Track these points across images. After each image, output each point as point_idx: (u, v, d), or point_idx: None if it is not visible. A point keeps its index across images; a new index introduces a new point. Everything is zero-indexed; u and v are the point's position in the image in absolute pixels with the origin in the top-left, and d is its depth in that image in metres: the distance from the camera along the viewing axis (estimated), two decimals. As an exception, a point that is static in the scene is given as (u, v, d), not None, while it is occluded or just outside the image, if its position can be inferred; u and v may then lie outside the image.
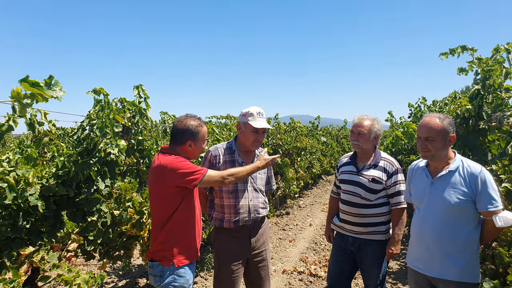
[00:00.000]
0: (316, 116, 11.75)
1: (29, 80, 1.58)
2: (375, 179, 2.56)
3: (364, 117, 2.64)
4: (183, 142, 2.21)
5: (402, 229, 2.57)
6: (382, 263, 2.62)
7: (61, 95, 1.63)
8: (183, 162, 2.10)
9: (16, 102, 1.58)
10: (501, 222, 1.90)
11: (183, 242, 2.17)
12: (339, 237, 2.79)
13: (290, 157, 8.20)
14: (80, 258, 4.61)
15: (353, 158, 2.74)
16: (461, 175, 2.08)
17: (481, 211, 2.01)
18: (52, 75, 1.61)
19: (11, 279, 1.99)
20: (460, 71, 3.22)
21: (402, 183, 2.59)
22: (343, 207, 2.69)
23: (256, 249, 2.63)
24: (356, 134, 2.60)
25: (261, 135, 2.55)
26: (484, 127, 2.93)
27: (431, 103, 6.62)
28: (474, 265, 2.07)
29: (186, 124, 2.22)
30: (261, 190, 2.65)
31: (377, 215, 2.59)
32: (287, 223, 7.06)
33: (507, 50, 2.91)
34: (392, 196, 2.59)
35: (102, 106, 2.65)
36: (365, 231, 2.60)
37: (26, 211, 2.26)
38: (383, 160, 2.63)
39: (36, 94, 1.55)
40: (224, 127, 7.64)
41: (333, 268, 2.78)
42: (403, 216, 2.58)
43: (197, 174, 2.08)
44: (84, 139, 2.62)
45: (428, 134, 2.09)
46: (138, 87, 2.97)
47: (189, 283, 2.15)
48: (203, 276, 4.34)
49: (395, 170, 2.60)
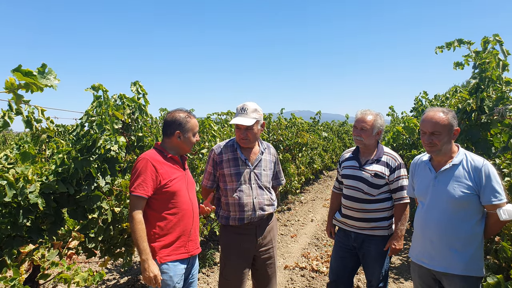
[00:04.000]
0: (316, 112, 11.70)
1: (22, 69, 1.55)
2: (377, 174, 2.55)
3: (367, 112, 2.60)
4: (172, 134, 2.23)
5: (405, 225, 2.56)
6: (385, 258, 2.60)
7: (56, 84, 1.60)
8: (139, 172, 2.09)
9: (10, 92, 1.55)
10: (505, 215, 1.90)
11: (164, 238, 2.14)
12: (342, 233, 2.77)
13: (291, 152, 8.19)
14: (82, 256, 4.62)
15: (355, 153, 2.72)
16: (465, 169, 2.07)
17: (485, 204, 2.01)
18: (45, 63, 1.57)
19: (12, 277, 1.98)
20: (457, 65, 3.18)
21: (404, 178, 2.57)
22: (346, 202, 2.67)
23: (263, 247, 2.60)
24: (359, 129, 2.57)
25: (243, 132, 2.47)
26: (486, 121, 2.90)
27: (432, 97, 6.58)
28: (479, 259, 2.07)
29: (174, 116, 2.25)
30: (266, 187, 2.60)
31: (379, 210, 2.57)
32: (289, 218, 7.06)
33: (499, 42, 2.88)
34: (395, 191, 2.58)
35: (100, 102, 2.62)
36: (368, 226, 2.58)
37: (26, 209, 2.24)
38: (386, 155, 2.61)
39: (30, 83, 1.52)
40: (224, 123, 7.62)
41: (336, 264, 2.76)
42: (406, 211, 2.56)
43: (134, 188, 2.07)
44: (83, 136, 2.60)
45: (434, 129, 2.08)
46: (135, 83, 2.94)
47: (173, 280, 2.12)
48: (205, 272, 4.34)
49: (397, 165, 2.58)
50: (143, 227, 2.06)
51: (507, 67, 2.91)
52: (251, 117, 2.47)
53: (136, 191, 2.06)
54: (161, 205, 2.14)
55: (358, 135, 2.59)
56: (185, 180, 2.30)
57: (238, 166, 2.53)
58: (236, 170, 2.52)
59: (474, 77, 3.07)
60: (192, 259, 2.34)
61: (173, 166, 2.23)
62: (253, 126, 2.47)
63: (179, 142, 2.25)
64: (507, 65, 2.90)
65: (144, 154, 2.19)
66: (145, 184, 2.07)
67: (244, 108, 2.49)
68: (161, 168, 2.14)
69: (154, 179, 2.10)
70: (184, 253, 2.21)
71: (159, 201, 2.14)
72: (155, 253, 2.11)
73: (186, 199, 2.25)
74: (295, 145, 8.18)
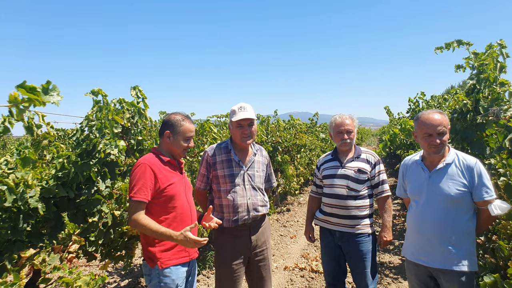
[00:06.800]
0: (314, 113, 11.74)
1: (26, 85, 1.58)
2: (360, 170, 2.67)
3: (345, 116, 2.77)
4: (162, 133, 2.27)
5: (391, 216, 2.70)
6: (371, 256, 2.66)
7: (59, 100, 1.63)
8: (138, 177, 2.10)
9: (13, 107, 1.58)
10: (497, 210, 2.00)
11: (164, 243, 2.14)
12: (326, 234, 2.82)
13: (290, 154, 8.21)
14: (82, 259, 4.62)
15: (334, 155, 2.84)
16: (458, 167, 2.17)
17: (477, 200, 2.11)
18: (50, 80, 1.60)
19: (13, 282, 1.99)
20: (458, 68, 3.21)
21: (384, 173, 2.74)
22: (331, 201, 2.73)
23: (257, 248, 2.62)
24: (345, 132, 2.70)
25: (246, 128, 2.51)
26: (482, 121, 2.93)
27: (429, 98, 6.62)
28: (473, 254, 2.15)
29: (169, 117, 2.29)
30: (259, 188, 2.64)
31: (363, 207, 2.66)
32: (288, 219, 7.07)
33: (500, 45, 2.93)
34: (377, 186, 2.71)
35: (100, 107, 2.64)
36: (352, 223, 2.65)
37: (27, 213, 2.26)
38: (364, 153, 2.77)
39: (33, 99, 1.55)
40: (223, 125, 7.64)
41: (329, 265, 2.81)
42: (390, 204, 2.71)
43: (135, 193, 2.07)
44: (83, 140, 2.62)
45: (441, 128, 2.15)
46: (135, 88, 2.97)
47: (175, 283, 2.13)
48: (205, 275, 4.35)
49: (377, 160, 2.74)
50: (150, 220, 2.06)
51: (504, 69, 2.95)
52: (252, 113, 2.53)
53: (136, 196, 2.06)
54: (159, 209, 2.15)
55: (346, 138, 2.70)
56: (183, 183, 2.31)
57: (232, 168, 2.55)
58: (230, 172, 2.54)
59: (471, 78, 3.10)
60: (192, 261, 2.36)
61: (170, 171, 2.24)
62: (254, 121, 2.55)
63: (169, 143, 2.26)
64: (505, 67, 2.95)
65: (142, 158, 2.20)
66: (145, 188, 2.08)
67: (243, 106, 2.54)
68: (160, 172, 2.15)
69: (153, 184, 2.11)
70: (185, 256, 2.22)
71: (158, 206, 2.15)
72: (156, 258, 2.12)
73: (184, 203, 2.27)
74: (294, 147, 8.21)
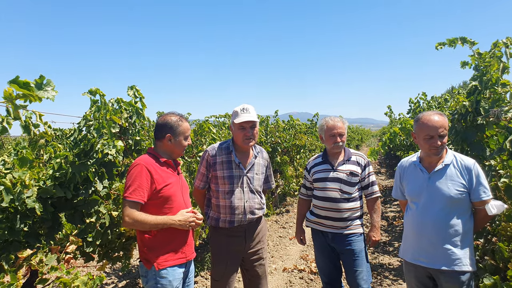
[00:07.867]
0: (314, 113, 11.71)
1: (19, 81, 1.55)
2: (352, 173, 2.69)
3: (336, 118, 2.77)
4: (163, 136, 2.24)
5: (379, 217, 2.75)
6: (364, 256, 2.68)
7: (54, 95, 1.60)
8: (134, 177, 2.08)
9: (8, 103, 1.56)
10: (494, 210, 2.03)
11: (162, 245, 2.14)
12: (319, 235, 2.82)
13: (289, 154, 8.20)
14: (79, 260, 4.60)
15: (324, 157, 2.83)
16: (456, 168, 2.18)
17: (475, 201, 2.14)
18: (43, 75, 1.58)
19: (10, 283, 1.97)
20: (463, 64, 3.19)
21: (373, 174, 2.78)
22: (323, 203, 2.72)
23: (252, 248, 2.62)
24: (338, 135, 2.70)
25: (249, 130, 2.50)
26: (482, 123, 2.92)
27: (430, 99, 6.61)
28: (472, 254, 2.17)
29: (165, 119, 2.26)
30: (257, 191, 2.63)
31: (355, 209, 2.68)
32: (287, 220, 7.06)
33: (505, 44, 2.90)
34: (367, 187, 2.74)
35: (99, 107, 2.62)
36: (345, 225, 2.66)
37: (24, 214, 2.24)
38: (354, 155, 2.78)
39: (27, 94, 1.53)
40: (222, 125, 7.63)
41: (325, 266, 2.82)
42: (379, 204, 2.76)
43: (130, 193, 2.05)
44: (81, 140, 2.60)
45: (442, 130, 2.15)
46: (132, 88, 2.95)
47: (172, 284, 2.12)
48: (203, 276, 4.34)
49: (366, 162, 2.77)
50: (145, 214, 2.06)
51: (507, 70, 2.93)
52: (254, 115, 2.52)
53: (132, 196, 2.04)
54: (156, 210, 2.13)
55: (339, 141, 2.70)
56: (179, 184, 2.30)
57: (232, 169, 2.54)
58: (229, 173, 2.53)
59: (474, 78, 3.07)
60: (189, 262, 2.34)
61: (167, 171, 2.23)
62: (257, 123, 2.54)
63: (170, 145, 2.25)
64: (507, 67, 2.92)
65: (138, 159, 2.17)
66: (141, 189, 2.06)
67: (246, 108, 2.53)
68: (156, 173, 2.14)
69: (149, 184, 2.09)
70: (181, 258, 2.21)
71: (155, 206, 2.13)
72: (153, 259, 2.11)
73: (181, 203, 2.25)
74: (293, 147, 8.19)
